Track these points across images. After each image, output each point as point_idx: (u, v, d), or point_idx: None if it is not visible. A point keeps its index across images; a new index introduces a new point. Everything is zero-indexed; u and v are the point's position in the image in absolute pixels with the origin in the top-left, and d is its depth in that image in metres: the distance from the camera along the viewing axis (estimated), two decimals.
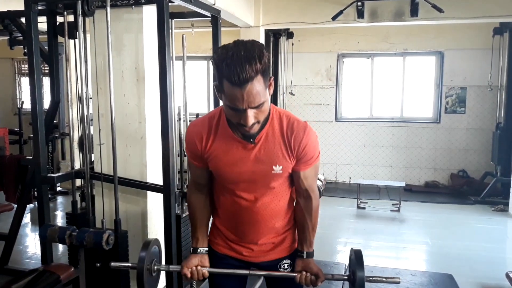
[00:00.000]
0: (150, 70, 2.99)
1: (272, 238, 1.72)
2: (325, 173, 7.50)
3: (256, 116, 1.43)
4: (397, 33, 7.07)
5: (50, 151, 5.77)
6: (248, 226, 1.68)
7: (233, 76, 1.33)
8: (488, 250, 4.53)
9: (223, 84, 1.38)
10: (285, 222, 1.74)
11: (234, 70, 1.32)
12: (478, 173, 6.99)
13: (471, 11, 5.32)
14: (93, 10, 2.70)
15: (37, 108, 2.84)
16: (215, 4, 4.08)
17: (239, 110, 1.40)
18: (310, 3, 5.72)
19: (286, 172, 1.61)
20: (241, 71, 1.32)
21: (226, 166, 1.59)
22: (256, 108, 1.41)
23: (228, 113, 1.47)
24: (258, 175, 1.58)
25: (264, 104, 1.42)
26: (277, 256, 1.75)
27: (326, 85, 7.57)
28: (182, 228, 3.00)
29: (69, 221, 2.96)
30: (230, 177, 1.61)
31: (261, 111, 1.44)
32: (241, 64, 1.32)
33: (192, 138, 1.62)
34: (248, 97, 1.36)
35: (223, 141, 1.58)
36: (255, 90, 1.36)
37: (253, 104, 1.39)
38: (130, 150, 3.05)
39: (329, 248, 4.60)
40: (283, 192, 1.68)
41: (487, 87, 6.73)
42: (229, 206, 1.69)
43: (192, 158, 1.68)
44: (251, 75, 1.33)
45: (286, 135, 1.56)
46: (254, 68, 1.33)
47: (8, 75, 8.93)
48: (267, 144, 1.56)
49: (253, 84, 1.35)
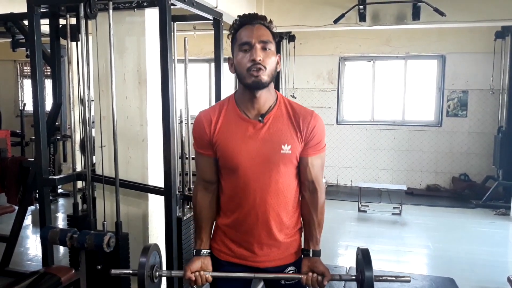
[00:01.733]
0: (152, 72, 3.00)
1: (278, 237, 1.66)
2: (326, 176, 7.50)
3: (264, 58, 1.54)
4: (399, 37, 7.07)
5: (52, 153, 5.78)
6: (255, 218, 1.63)
7: (247, 19, 1.58)
8: (489, 254, 4.52)
9: (237, 34, 1.59)
10: (293, 222, 1.70)
11: (247, 15, 1.60)
12: (479, 177, 6.97)
13: (473, 14, 5.33)
14: (95, 12, 2.70)
15: (39, 110, 2.85)
16: (217, 7, 4.09)
17: (249, 44, 1.54)
18: (312, 7, 5.73)
19: (295, 155, 1.61)
20: (253, 16, 1.59)
21: (235, 146, 1.59)
22: (264, 46, 1.55)
23: (239, 59, 1.57)
24: (267, 155, 1.59)
25: (271, 47, 1.57)
26: (282, 262, 1.71)
27: (328, 88, 7.58)
28: (183, 231, 3.00)
29: (70, 223, 2.96)
30: (238, 158, 1.59)
31: (268, 55, 1.55)
32: (253, 14, 1.61)
33: (201, 122, 1.65)
34: (257, 31, 1.55)
35: (232, 122, 1.62)
36: (263, 30, 1.57)
37: (261, 37, 1.54)
38: (132, 152, 3.05)
39: (330, 251, 4.59)
40: (291, 180, 1.65)
41: (489, 91, 6.73)
42: (235, 196, 1.65)
43: (200, 147, 1.68)
44: (261, 19, 1.59)
45: (294, 117, 1.62)
46: (264, 20, 1.59)
47: (10, 77, 8.95)
48: (275, 124, 1.61)
49: (262, 27, 1.58)
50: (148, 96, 3.00)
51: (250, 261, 1.69)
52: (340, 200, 6.63)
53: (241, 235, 1.68)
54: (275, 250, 1.69)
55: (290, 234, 1.70)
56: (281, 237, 1.68)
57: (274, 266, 1.70)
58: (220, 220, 1.74)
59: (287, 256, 1.71)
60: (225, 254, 1.73)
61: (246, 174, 1.60)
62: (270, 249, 1.68)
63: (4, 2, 4.22)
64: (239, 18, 1.60)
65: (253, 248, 1.67)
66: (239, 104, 1.63)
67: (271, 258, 1.69)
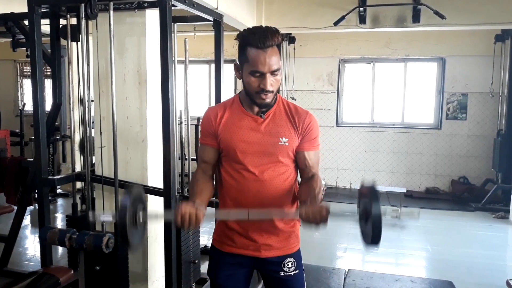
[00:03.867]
0: (152, 73, 3.00)
1: (277, 223, 1.74)
2: (326, 178, 7.49)
3: (272, 84, 1.65)
4: (399, 39, 7.08)
5: (51, 153, 5.76)
6: (255, 204, 1.69)
7: (259, 41, 1.59)
8: (488, 257, 4.52)
9: (247, 52, 1.63)
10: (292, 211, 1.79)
11: (259, 36, 1.60)
12: (479, 180, 6.97)
13: (473, 17, 5.33)
14: (96, 13, 2.70)
15: (38, 110, 2.85)
16: (217, 9, 4.09)
17: (260, 73, 1.62)
18: (312, 9, 5.73)
19: (291, 147, 1.73)
20: (265, 37, 1.60)
21: (238, 136, 1.73)
22: (274, 72, 1.63)
23: (249, 80, 1.65)
24: (266, 146, 1.72)
25: (279, 72, 1.66)
26: (282, 253, 1.78)
27: (328, 90, 7.58)
28: (182, 232, 3.00)
29: (69, 223, 2.96)
30: (240, 147, 1.72)
31: (276, 79, 1.66)
32: (265, 33, 1.61)
33: (208, 115, 1.80)
34: (269, 60, 1.61)
35: (236, 116, 1.76)
36: (274, 56, 1.62)
37: (272, 67, 1.62)
38: (131, 153, 3.05)
39: (329, 253, 4.59)
40: (289, 173, 1.76)
41: (488, 94, 6.74)
42: (237, 185, 1.74)
43: (205, 137, 1.80)
44: (273, 42, 1.61)
45: (291, 114, 1.77)
46: (274, 38, 1.61)
47: (10, 77, 8.94)
48: (275, 120, 1.75)
49: (274, 50, 1.62)
50: (148, 97, 3.00)
51: (251, 250, 1.76)
52: (339, 203, 6.62)
53: (242, 222, 1.75)
54: (274, 238, 1.77)
55: (289, 224, 1.79)
56: (280, 225, 1.76)
57: (273, 257, 1.77)
58: (221, 209, 1.82)
59: (286, 246, 1.79)
60: (227, 245, 1.80)
61: (246, 163, 1.72)
62: (269, 237, 1.76)
63: (5, 2, 4.22)
64: (250, 35, 1.62)
65: (253, 235, 1.75)
66: (243, 102, 1.78)
67: (271, 246, 1.76)
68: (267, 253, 1.76)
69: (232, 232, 1.78)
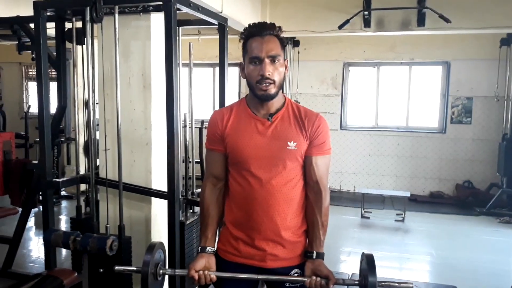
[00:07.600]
0: (157, 76, 3.01)
1: (283, 234, 1.68)
2: (329, 181, 7.47)
3: (272, 72, 1.63)
4: (404, 43, 7.06)
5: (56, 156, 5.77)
6: (261, 212, 1.66)
7: (256, 30, 1.65)
8: (493, 262, 4.49)
9: (247, 43, 1.67)
10: (298, 221, 1.73)
11: (257, 26, 1.67)
12: (483, 184, 6.94)
13: (478, 21, 5.32)
14: (101, 16, 2.71)
15: (43, 112, 2.86)
16: (222, 12, 4.10)
17: (258, 58, 1.62)
18: (317, 12, 5.74)
19: (300, 152, 1.68)
20: (262, 25, 1.66)
21: (244, 140, 1.69)
22: (273, 60, 1.62)
23: (249, 71, 1.66)
24: (274, 151, 1.67)
25: (279, 59, 1.64)
26: (288, 264, 1.72)
27: (332, 94, 7.58)
28: (186, 235, 3.00)
29: (73, 226, 2.97)
30: (247, 152, 1.67)
31: (276, 68, 1.64)
32: (263, 23, 1.69)
33: (215, 118, 1.77)
34: (266, 45, 1.62)
35: (242, 119, 1.73)
36: (272, 42, 1.64)
37: (270, 52, 1.62)
38: (135, 156, 3.06)
39: (333, 257, 4.57)
40: (297, 179, 1.71)
41: (493, 98, 6.72)
42: (243, 191, 1.70)
43: (211, 143, 1.77)
44: (270, 30, 1.65)
45: (300, 117, 1.72)
46: (272, 27, 1.66)
47: (15, 80, 8.99)
48: (283, 123, 1.71)
49: (272, 38, 1.65)
50: (153, 100, 3.01)
51: (257, 260, 1.71)
52: (343, 206, 6.61)
53: (248, 230, 1.70)
54: (280, 248, 1.71)
55: (296, 234, 1.73)
56: (286, 235, 1.70)
57: (279, 267, 1.71)
58: (227, 217, 1.78)
59: (293, 257, 1.73)
60: (232, 255, 1.75)
61: (253, 168, 1.67)
62: (275, 246, 1.70)
63: (11, 5, 4.25)
64: (249, 28, 1.69)
65: (259, 244, 1.69)
66: (249, 105, 1.74)
67: (277, 257, 1.70)
68: (273, 264, 1.70)
69: (237, 241, 1.73)
